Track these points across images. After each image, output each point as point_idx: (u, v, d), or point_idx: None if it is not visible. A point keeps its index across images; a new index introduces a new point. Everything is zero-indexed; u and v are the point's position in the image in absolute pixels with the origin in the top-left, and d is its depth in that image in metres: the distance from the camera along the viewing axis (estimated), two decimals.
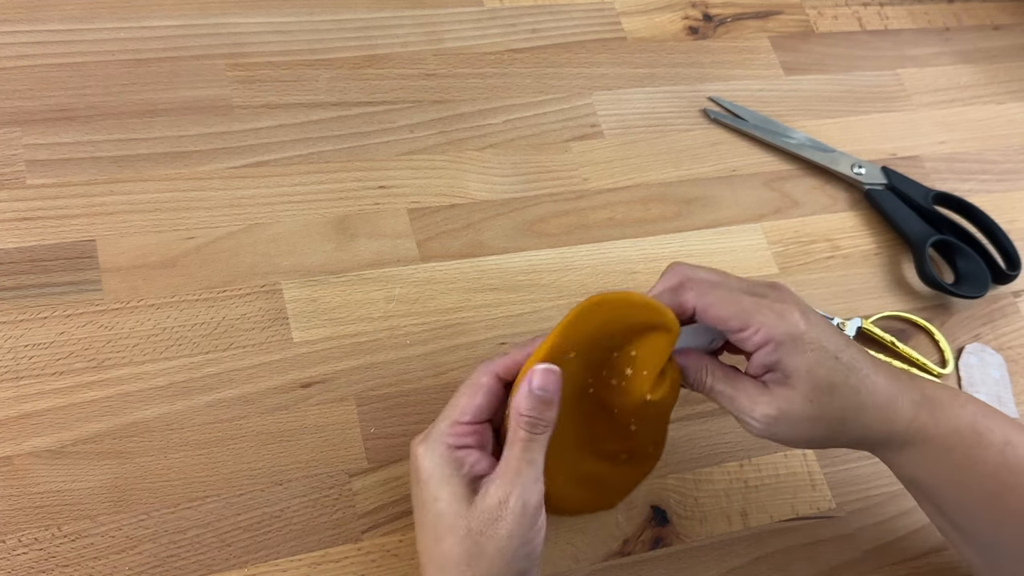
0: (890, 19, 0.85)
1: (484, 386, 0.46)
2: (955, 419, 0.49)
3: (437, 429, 0.46)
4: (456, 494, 0.44)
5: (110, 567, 0.50)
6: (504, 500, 0.44)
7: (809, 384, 0.46)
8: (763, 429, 0.47)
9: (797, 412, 0.46)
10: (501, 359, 0.47)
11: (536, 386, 0.44)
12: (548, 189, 0.67)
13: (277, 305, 0.59)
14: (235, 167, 0.62)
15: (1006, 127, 0.82)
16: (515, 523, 0.43)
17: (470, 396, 0.46)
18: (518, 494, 0.44)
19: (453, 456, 0.45)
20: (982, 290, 0.70)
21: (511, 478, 0.44)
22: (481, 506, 0.44)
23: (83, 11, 0.65)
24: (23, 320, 0.55)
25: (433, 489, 0.45)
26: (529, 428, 0.44)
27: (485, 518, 0.44)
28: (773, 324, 0.46)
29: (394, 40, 0.71)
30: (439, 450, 0.45)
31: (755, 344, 0.46)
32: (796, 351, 0.46)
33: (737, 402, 0.47)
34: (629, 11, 0.78)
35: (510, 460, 0.44)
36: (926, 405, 0.49)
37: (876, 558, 0.59)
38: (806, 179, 0.74)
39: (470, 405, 0.46)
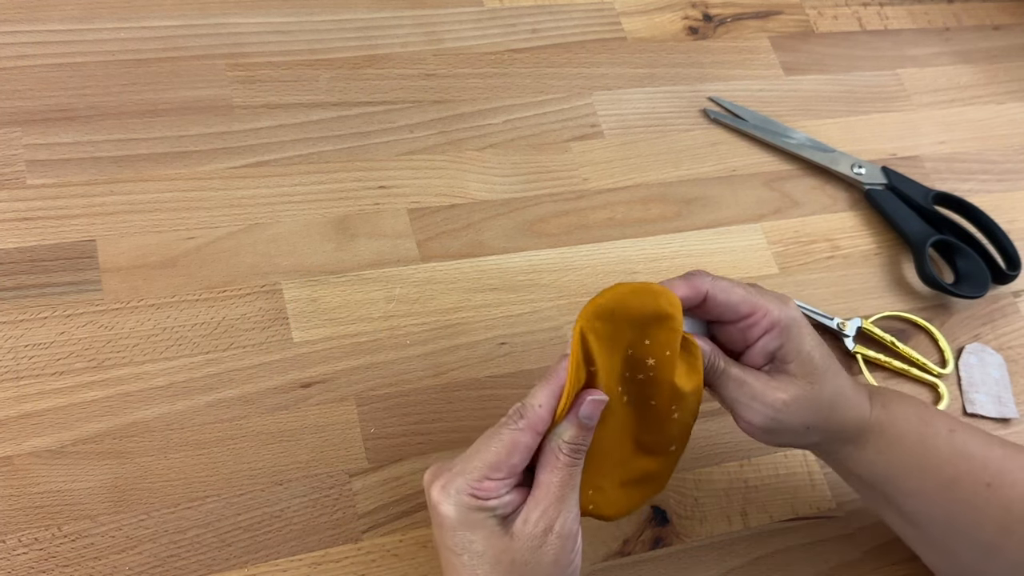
0: (890, 19, 0.85)
1: (521, 446, 0.43)
2: (903, 410, 0.51)
3: (461, 480, 0.43)
4: (493, 532, 0.43)
5: (110, 567, 0.50)
6: (549, 528, 0.43)
7: (809, 368, 0.47)
8: (769, 416, 0.47)
9: (801, 396, 0.47)
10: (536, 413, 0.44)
11: (584, 415, 0.44)
12: (548, 189, 0.67)
13: (277, 305, 0.59)
14: (235, 167, 0.62)
15: (1006, 127, 0.82)
16: (559, 549, 0.43)
17: (507, 455, 0.43)
18: (563, 520, 0.43)
19: (482, 506, 0.43)
20: (982, 290, 0.70)
21: (555, 505, 0.43)
22: (524, 535, 0.43)
23: (83, 11, 0.65)
24: (23, 320, 0.55)
25: (465, 536, 0.43)
26: (573, 455, 0.44)
27: (529, 547, 0.43)
28: (778, 309, 0.47)
29: (394, 40, 0.71)
30: (464, 501, 0.43)
31: (763, 328, 0.47)
32: (798, 335, 0.47)
33: (749, 386, 0.47)
34: (629, 11, 0.78)
35: (552, 487, 0.43)
36: (877, 398, 0.51)
37: (876, 558, 0.59)
38: (806, 179, 0.74)
39: (507, 464, 0.43)
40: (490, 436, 0.44)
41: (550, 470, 0.44)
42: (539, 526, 0.43)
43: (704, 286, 0.47)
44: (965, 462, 0.50)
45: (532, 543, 0.43)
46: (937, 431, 0.50)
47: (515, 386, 0.60)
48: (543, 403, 0.44)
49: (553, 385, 0.44)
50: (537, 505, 0.43)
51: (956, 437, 0.50)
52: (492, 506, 0.43)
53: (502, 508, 0.43)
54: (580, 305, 0.63)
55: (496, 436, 0.44)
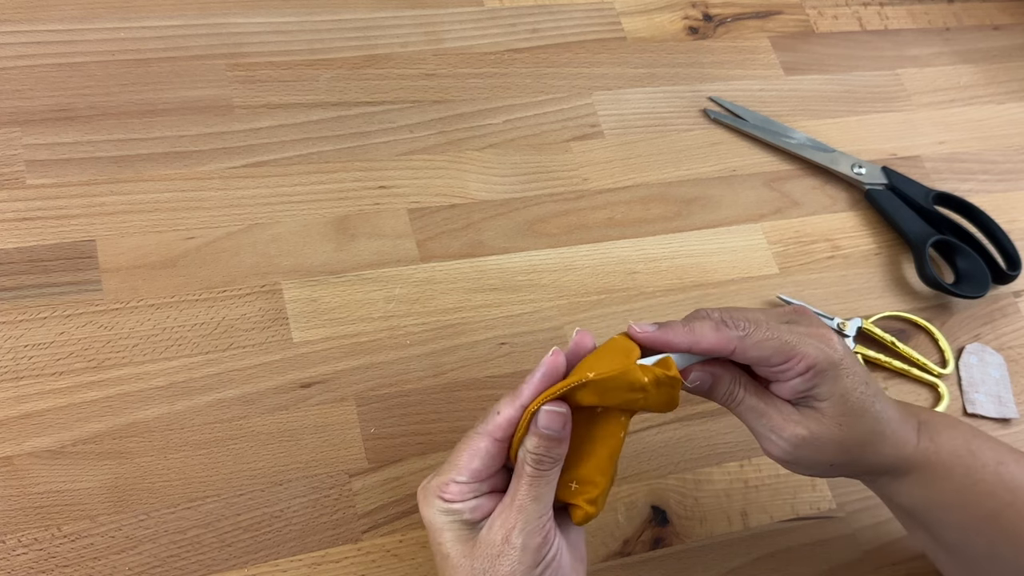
0: (890, 19, 0.85)
1: (480, 452, 0.44)
2: (951, 442, 0.49)
3: (433, 484, 0.45)
4: (459, 537, 0.43)
5: (110, 567, 0.50)
6: (507, 537, 0.42)
7: (841, 409, 0.46)
8: (787, 451, 0.46)
9: (826, 435, 0.46)
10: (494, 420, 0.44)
11: (542, 425, 0.43)
12: (548, 189, 0.67)
13: (277, 305, 0.59)
14: (235, 167, 0.62)
15: (1006, 127, 0.82)
16: (517, 560, 0.42)
17: (468, 459, 0.44)
18: (520, 529, 0.42)
19: (448, 508, 0.44)
20: (982, 290, 0.70)
21: (514, 514, 0.43)
22: (485, 541, 0.43)
23: (83, 11, 0.65)
24: (23, 320, 0.55)
25: (436, 536, 0.44)
26: (535, 464, 0.43)
27: (487, 554, 0.42)
28: (815, 354, 0.45)
29: (394, 40, 0.71)
30: (435, 503, 0.44)
31: (796, 372, 0.45)
32: (834, 377, 0.45)
33: (768, 418, 0.46)
34: (629, 11, 0.78)
35: (515, 496, 0.43)
36: (925, 430, 0.49)
37: (876, 558, 0.59)
38: (806, 179, 0.74)
39: (467, 468, 0.44)
40: (461, 440, 0.45)
41: (516, 478, 0.44)
42: (498, 534, 0.43)
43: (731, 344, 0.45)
44: (1010, 495, 0.49)
45: (490, 551, 0.42)
46: (985, 463, 0.49)
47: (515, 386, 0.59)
48: (501, 411, 0.44)
49: (515, 399, 0.44)
50: (500, 513, 0.43)
51: (1004, 470, 0.49)
52: (457, 509, 0.44)
53: (469, 512, 0.44)
54: (580, 305, 0.63)
55: (462, 441, 0.45)
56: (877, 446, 0.47)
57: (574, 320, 0.62)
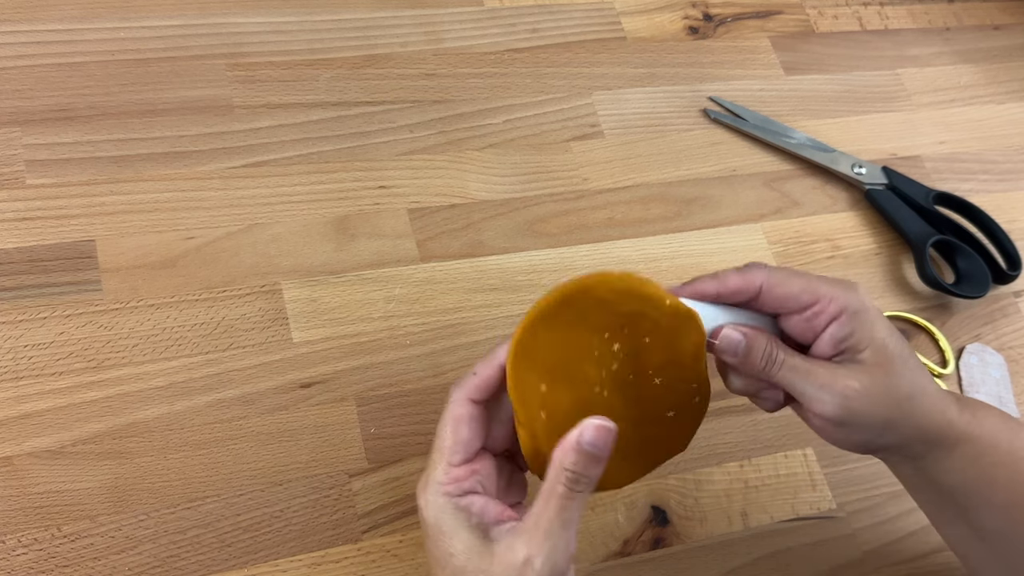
0: (890, 19, 0.85)
1: (463, 417, 0.42)
2: (990, 418, 0.47)
3: (433, 478, 0.42)
4: (472, 547, 0.40)
5: (110, 567, 0.50)
6: (529, 560, 0.39)
7: (884, 355, 0.44)
8: (841, 407, 0.43)
9: (876, 385, 0.44)
10: (470, 381, 0.42)
11: (587, 441, 0.40)
12: (548, 189, 0.67)
13: (277, 305, 0.59)
14: (235, 167, 0.62)
15: (1006, 127, 0.82)
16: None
17: (453, 432, 0.42)
18: (546, 556, 0.39)
19: (456, 505, 0.41)
20: (982, 290, 0.70)
21: (541, 538, 0.39)
22: (503, 561, 0.39)
23: (83, 11, 0.65)
24: (23, 320, 0.55)
25: (445, 544, 0.40)
26: (571, 484, 0.40)
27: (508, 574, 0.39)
28: (844, 295, 0.44)
29: (394, 40, 0.71)
30: (439, 502, 0.41)
31: (829, 315, 0.44)
32: (869, 321, 0.44)
33: (815, 375, 0.44)
34: (629, 11, 0.78)
35: (542, 517, 0.40)
36: (964, 405, 0.47)
37: (876, 558, 0.59)
38: (806, 179, 0.74)
39: (457, 443, 0.42)
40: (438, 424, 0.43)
41: (545, 499, 0.40)
42: (519, 555, 0.39)
43: (758, 279, 0.44)
44: None
45: (509, 571, 0.39)
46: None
47: None
48: (478, 371, 0.42)
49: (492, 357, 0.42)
50: (523, 533, 0.40)
51: None
52: (466, 506, 0.41)
53: (478, 514, 0.41)
54: None
55: (440, 421, 0.42)
56: (924, 406, 0.45)
57: None
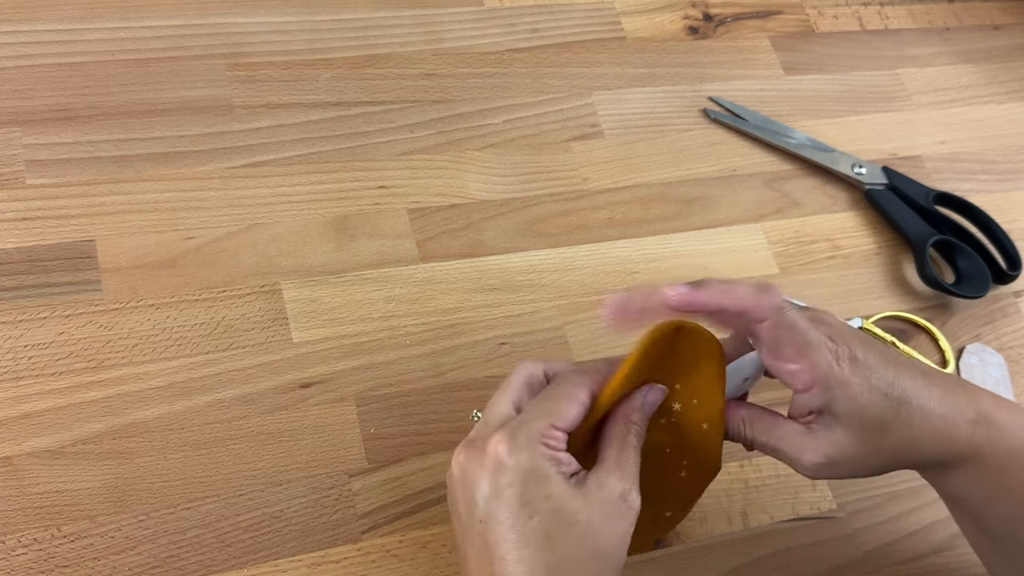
0: (890, 19, 0.85)
1: (582, 402, 0.43)
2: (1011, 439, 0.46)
3: (530, 428, 0.41)
4: (566, 490, 0.40)
5: (110, 567, 0.50)
6: (624, 493, 0.41)
7: (859, 427, 0.44)
8: (816, 473, 0.45)
9: (848, 455, 0.44)
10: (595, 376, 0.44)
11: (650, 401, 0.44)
12: (548, 189, 0.67)
13: (277, 305, 0.59)
14: (235, 167, 0.62)
15: (1006, 127, 0.82)
16: (629, 521, 0.41)
17: (569, 406, 0.42)
18: (635, 494, 0.41)
19: (554, 456, 0.41)
20: (983, 290, 0.70)
21: (629, 475, 0.42)
22: (598, 499, 0.40)
23: (83, 11, 0.65)
24: (23, 320, 0.55)
25: (541, 488, 0.40)
26: (637, 435, 0.43)
27: (604, 512, 0.40)
28: (825, 367, 0.43)
29: (394, 40, 0.71)
30: (537, 449, 0.40)
31: (802, 383, 0.44)
32: (847, 396, 0.43)
33: (781, 454, 0.46)
34: (629, 11, 0.78)
35: (621, 458, 0.42)
36: (983, 424, 0.46)
37: (877, 558, 0.59)
38: (806, 179, 0.74)
39: (570, 415, 0.42)
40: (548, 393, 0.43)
41: (620, 446, 0.43)
42: (615, 490, 0.41)
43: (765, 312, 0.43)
44: None
45: (607, 508, 0.40)
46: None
47: None
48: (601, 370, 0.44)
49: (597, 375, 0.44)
50: (610, 473, 0.41)
51: None
52: (561, 458, 0.41)
53: (568, 465, 0.41)
54: (580, 305, 0.63)
55: (556, 388, 0.43)
56: (914, 450, 0.45)
57: (574, 320, 0.62)
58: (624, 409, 0.44)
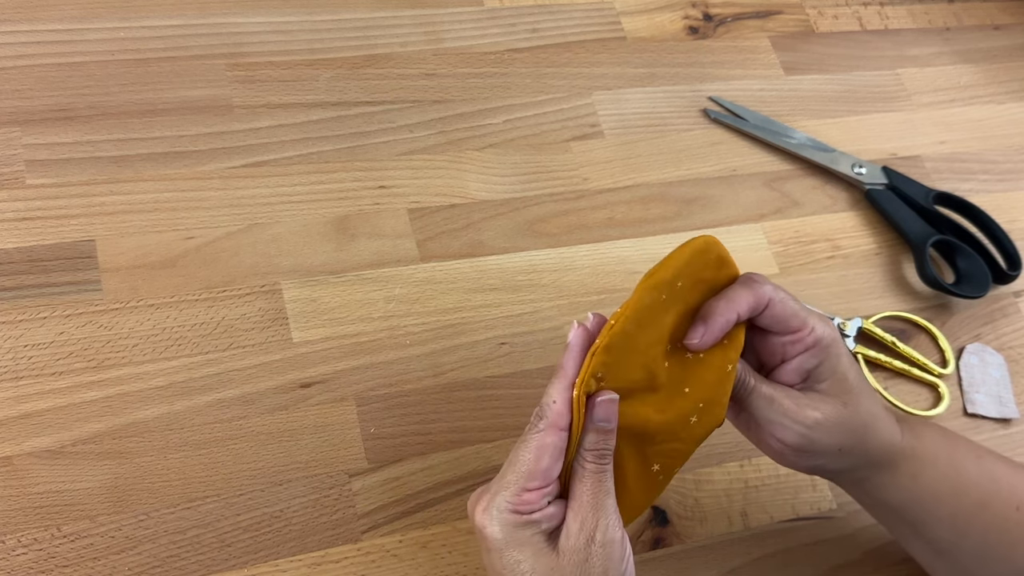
0: (890, 19, 0.85)
1: (550, 447, 0.42)
2: (930, 434, 0.51)
3: (500, 499, 0.42)
4: (540, 550, 0.42)
5: (110, 567, 0.50)
6: (590, 538, 0.42)
7: (844, 387, 0.47)
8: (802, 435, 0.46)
9: (834, 416, 0.46)
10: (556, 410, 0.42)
11: (599, 418, 0.42)
12: (548, 189, 0.67)
13: (277, 305, 0.59)
14: (235, 167, 0.62)
15: (1006, 127, 0.82)
16: (606, 559, 0.42)
17: (536, 460, 0.42)
18: (602, 528, 0.42)
19: (526, 521, 0.42)
20: (983, 290, 0.70)
21: (592, 514, 0.42)
22: (568, 549, 0.42)
23: (83, 11, 0.65)
24: (23, 320, 0.55)
25: (513, 556, 0.42)
26: (597, 461, 0.43)
27: (575, 561, 0.41)
28: (821, 328, 0.46)
29: (394, 40, 0.71)
30: (508, 519, 0.42)
31: (805, 345, 0.46)
32: (836, 355, 0.46)
33: (780, 404, 0.46)
34: (629, 11, 0.78)
35: (584, 496, 0.42)
36: (905, 425, 0.50)
37: (876, 558, 0.59)
38: (806, 179, 0.74)
39: (538, 471, 0.42)
40: (518, 447, 0.43)
41: (579, 480, 0.43)
42: (580, 538, 0.42)
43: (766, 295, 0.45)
44: (994, 485, 0.50)
45: (577, 557, 0.41)
46: (965, 455, 0.50)
47: (515, 386, 0.59)
48: (556, 398, 0.42)
49: (563, 379, 0.43)
50: (575, 517, 0.42)
51: (984, 462, 0.50)
52: (536, 519, 0.42)
53: (547, 522, 0.42)
54: (580, 305, 0.63)
55: (522, 444, 0.43)
56: (876, 431, 0.48)
57: (574, 320, 0.62)
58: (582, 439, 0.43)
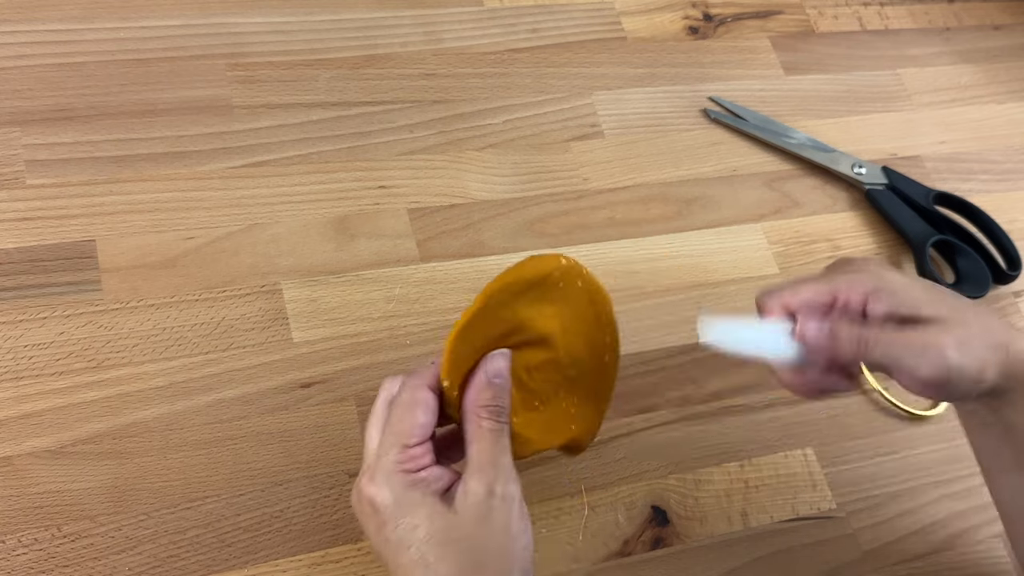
0: (890, 19, 0.85)
1: (423, 402, 0.43)
2: None
3: (385, 461, 0.42)
4: (435, 511, 0.41)
5: (110, 567, 0.50)
6: (490, 491, 0.41)
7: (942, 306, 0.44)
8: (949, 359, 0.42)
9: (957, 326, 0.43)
10: (430, 370, 0.44)
11: (492, 374, 0.43)
12: (548, 189, 0.67)
13: (277, 305, 0.59)
14: (235, 167, 0.62)
15: (1006, 127, 0.82)
16: (507, 514, 0.41)
17: (411, 416, 0.42)
18: (502, 483, 0.41)
19: (414, 480, 0.41)
20: (983, 290, 0.70)
21: (489, 469, 0.42)
22: (467, 506, 0.41)
23: (83, 11, 0.65)
24: (23, 320, 0.55)
25: (409, 520, 0.41)
26: (495, 417, 0.43)
27: (475, 516, 0.41)
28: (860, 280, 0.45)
29: (394, 40, 0.71)
30: (396, 480, 0.41)
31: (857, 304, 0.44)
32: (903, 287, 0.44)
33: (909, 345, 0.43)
34: (629, 11, 0.78)
35: (482, 453, 0.42)
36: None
37: (876, 558, 0.59)
38: (806, 179, 0.74)
39: (418, 427, 0.42)
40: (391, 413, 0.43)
41: (476, 440, 0.42)
42: (478, 493, 0.41)
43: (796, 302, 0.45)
44: None
45: (477, 512, 0.41)
46: None
47: None
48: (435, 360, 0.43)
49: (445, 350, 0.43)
50: (472, 474, 0.42)
51: None
52: (424, 477, 0.42)
53: (435, 482, 0.42)
54: None
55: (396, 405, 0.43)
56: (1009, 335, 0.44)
57: None
58: (470, 395, 0.43)
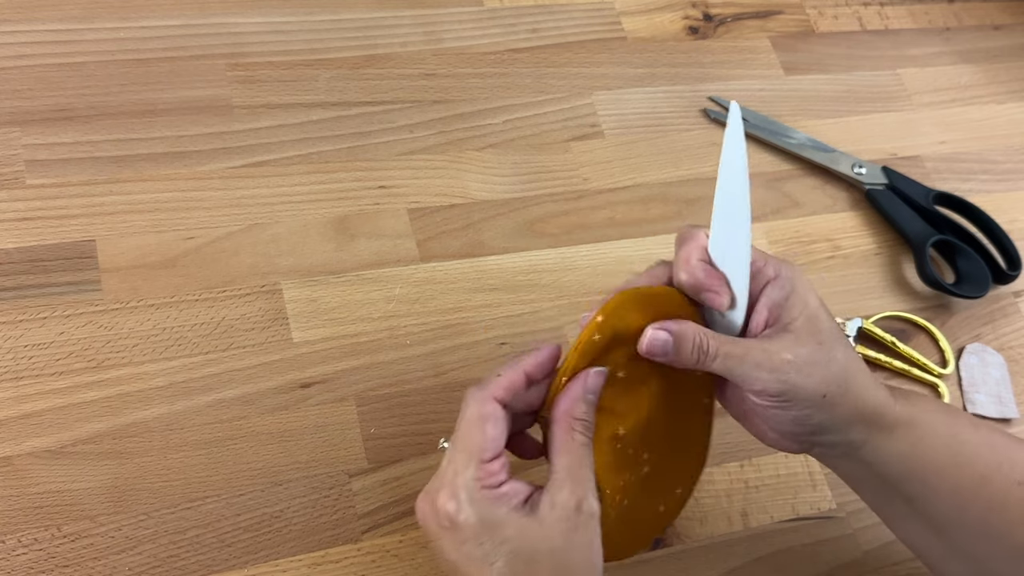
0: (890, 19, 0.85)
1: (492, 415, 0.42)
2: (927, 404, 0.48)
3: (463, 478, 0.41)
4: (523, 525, 0.41)
5: (110, 567, 0.50)
6: (578, 506, 0.41)
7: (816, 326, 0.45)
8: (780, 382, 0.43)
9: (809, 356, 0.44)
10: (495, 383, 0.43)
11: (590, 389, 0.43)
12: (548, 189, 0.67)
13: (277, 305, 0.59)
14: (235, 167, 0.62)
15: (1007, 127, 0.82)
16: (592, 531, 0.41)
17: (483, 431, 0.42)
18: (589, 499, 0.41)
19: (497, 496, 0.41)
20: (983, 290, 0.70)
21: (578, 483, 0.42)
22: (553, 519, 0.41)
23: (83, 11, 0.65)
24: (23, 320, 0.55)
25: (497, 535, 0.40)
26: (586, 431, 0.43)
27: (562, 530, 0.40)
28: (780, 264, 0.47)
29: (394, 40, 0.71)
30: (479, 496, 0.41)
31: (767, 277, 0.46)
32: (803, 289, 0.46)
33: (750, 356, 0.44)
34: (629, 11, 0.78)
35: (571, 467, 0.42)
36: (897, 392, 0.48)
37: (876, 558, 0.59)
38: (806, 179, 0.74)
39: (489, 441, 0.42)
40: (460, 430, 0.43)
41: (565, 451, 0.42)
42: (566, 508, 0.41)
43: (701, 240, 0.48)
44: (995, 456, 0.47)
45: (565, 525, 0.41)
46: (964, 427, 0.48)
47: None
48: (502, 372, 0.43)
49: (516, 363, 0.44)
50: (561, 487, 0.41)
51: (982, 433, 0.48)
52: (505, 492, 0.41)
53: (515, 496, 0.42)
54: (580, 305, 0.63)
55: (462, 422, 0.43)
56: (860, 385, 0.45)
57: (574, 320, 0.62)
58: (564, 404, 0.43)
